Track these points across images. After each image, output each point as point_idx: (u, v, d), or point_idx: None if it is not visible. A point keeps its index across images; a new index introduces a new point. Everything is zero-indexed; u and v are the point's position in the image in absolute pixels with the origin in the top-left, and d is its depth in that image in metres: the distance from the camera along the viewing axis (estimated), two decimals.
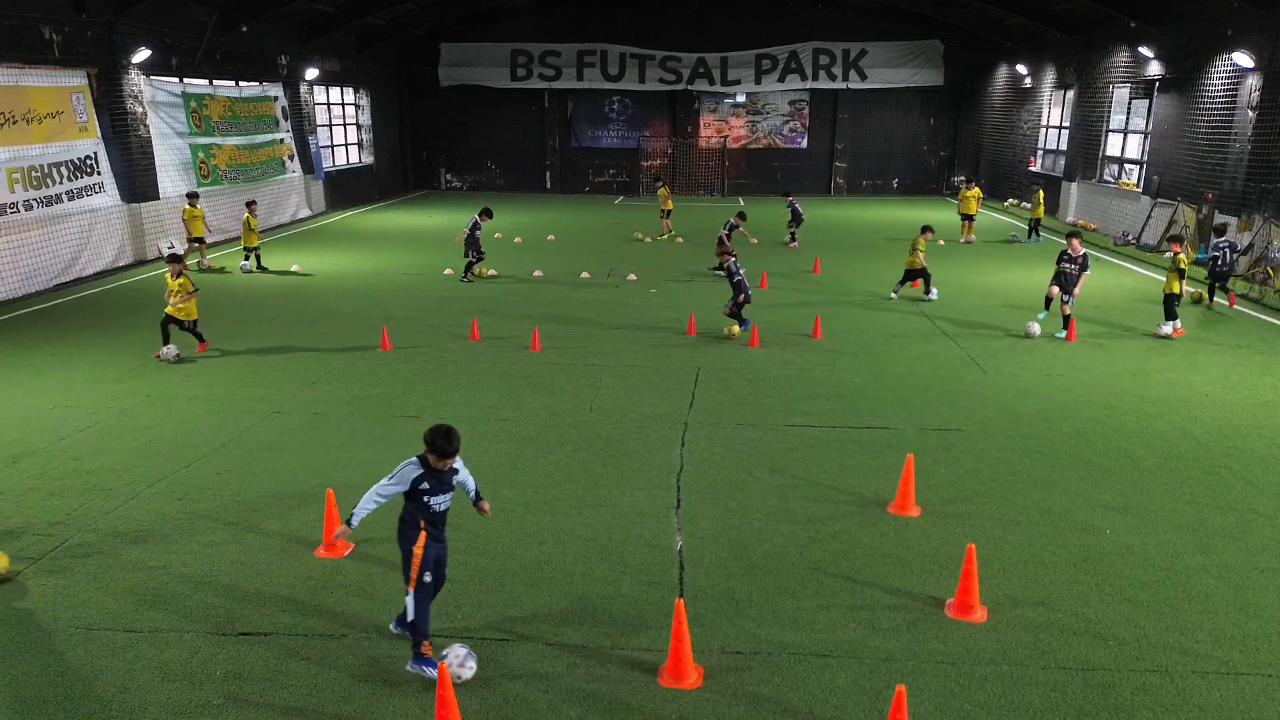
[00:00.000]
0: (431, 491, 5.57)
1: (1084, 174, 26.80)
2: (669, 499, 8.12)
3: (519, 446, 9.34)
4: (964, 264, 20.23)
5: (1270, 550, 7.19)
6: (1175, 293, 13.80)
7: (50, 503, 8.01)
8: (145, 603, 6.41)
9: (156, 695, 5.42)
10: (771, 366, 12.23)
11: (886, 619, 6.24)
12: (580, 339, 13.63)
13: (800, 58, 34.61)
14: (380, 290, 17.37)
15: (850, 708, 5.34)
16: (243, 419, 10.14)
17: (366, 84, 33.33)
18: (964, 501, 8.09)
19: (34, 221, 17.02)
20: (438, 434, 5.45)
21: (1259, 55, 18.15)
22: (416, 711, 5.28)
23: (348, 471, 8.70)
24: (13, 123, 16.69)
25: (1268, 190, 17.94)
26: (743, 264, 14.28)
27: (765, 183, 36.28)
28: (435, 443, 5.44)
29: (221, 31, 23.00)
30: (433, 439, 5.45)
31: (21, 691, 5.46)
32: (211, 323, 14.62)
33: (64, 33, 17.74)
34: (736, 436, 9.64)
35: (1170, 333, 13.83)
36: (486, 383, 11.51)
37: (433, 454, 5.47)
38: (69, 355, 12.70)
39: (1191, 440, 9.58)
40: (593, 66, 34.94)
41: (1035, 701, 5.38)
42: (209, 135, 23.22)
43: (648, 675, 5.62)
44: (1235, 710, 5.32)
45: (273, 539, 7.36)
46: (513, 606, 6.40)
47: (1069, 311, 13.75)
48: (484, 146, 37.00)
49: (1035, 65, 30.26)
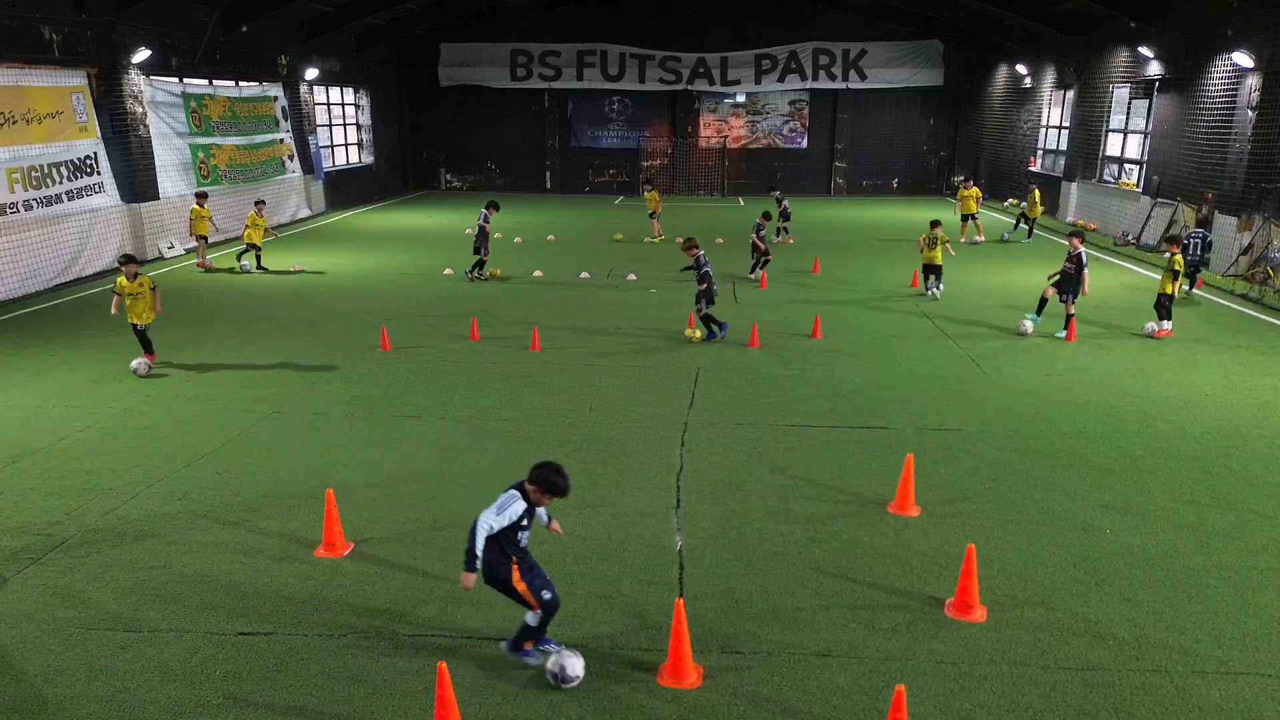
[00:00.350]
0: (526, 526, 5.45)
1: (1084, 174, 26.80)
2: (669, 499, 8.12)
3: (519, 446, 9.34)
4: (963, 264, 20.22)
5: (1270, 550, 7.19)
6: (1168, 293, 13.79)
7: (50, 502, 8.01)
8: (145, 602, 6.42)
9: (156, 695, 5.42)
10: (771, 366, 12.23)
11: (886, 619, 6.24)
12: (580, 339, 13.62)
13: (800, 58, 34.62)
14: (380, 290, 17.37)
15: (850, 707, 5.33)
16: (243, 419, 10.14)
17: (366, 84, 33.34)
18: (964, 501, 8.09)
19: (34, 221, 17.03)
20: (552, 471, 5.34)
21: (1259, 55, 18.15)
22: (416, 711, 5.28)
23: (347, 471, 8.70)
24: (12, 123, 16.70)
25: (1267, 190, 17.94)
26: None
27: (765, 183, 36.21)
28: (550, 480, 5.32)
29: (221, 31, 23.01)
30: (547, 477, 5.32)
31: (21, 691, 5.46)
32: (212, 323, 14.64)
33: (64, 33, 17.74)
34: (736, 436, 9.64)
35: (1155, 332, 13.81)
36: (486, 383, 11.51)
37: (545, 491, 5.34)
38: (69, 355, 12.70)
39: (1191, 440, 9.58)
40: (593, 66, 34.94)
41: (1035, 701, 5.38)
42: (209, 135, 23.22)
43: (647, 675, 5.62)
44: (1235, 710, 5.32)
45: (272, 539, 7.36)
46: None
47: (1071, 311, 13.75)
48: (484, 146, 37.00)
49: (1035, 65, 30.26)
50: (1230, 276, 18.15)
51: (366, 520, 7.69)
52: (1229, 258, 18.66)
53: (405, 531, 7.49)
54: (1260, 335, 14.09)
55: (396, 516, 7.78)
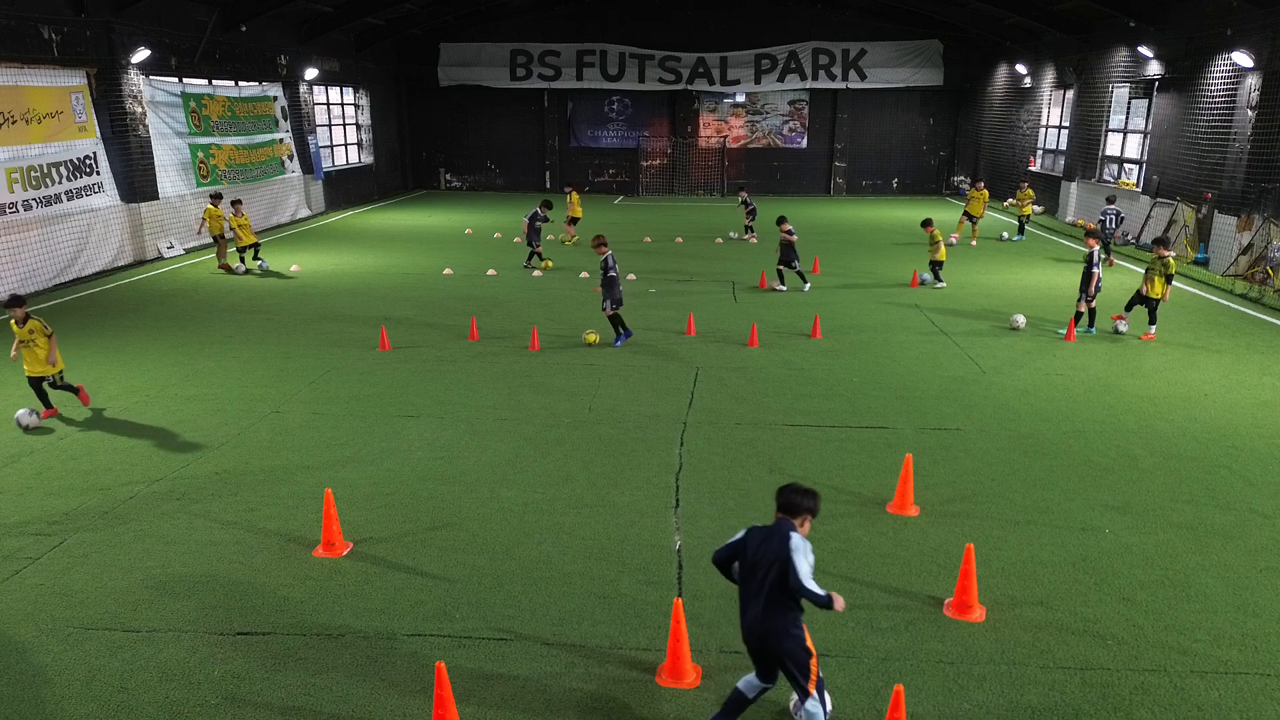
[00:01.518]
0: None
1: (1083, 174, 26.79)
2: (668, 498, 8.12)
3: (518, 446, 9.34)
4: (963, 264, 20.22)
5: (1269, 550, 7.19)
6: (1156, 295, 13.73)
7: (49, 502, 8.01)
8: (143, 602, 6.41)
9: (154, 695, 5.42)
10: (770, 366, 12.22)
11: (885, 618, 6.24)
12: (580, 338, 13.61)
13: (800, 57, 34.60)
14: (380, 290, 17.36)
15: (849, 707, 5.33)
16: (242, 418, 10.14)
17: (366, 84, 33.33)
18: (963, 501, 8.08)
19: (33, 221, 17.02)
20: (808, 494, 4.86)
21: (1258, 55, 18.15)
22: (415, 712, 5.28)
23: (347, 471, 8.70)
24: (12, 122, 16.69)
25: (1267, 190, 17.94)
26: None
27: (765, 182, 36.27)
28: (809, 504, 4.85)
29: (221, 31, 23.00)
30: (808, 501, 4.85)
31: (20, 691, 5.46)
32: (212, 323, 14.62)
33: (63, 32, 17.74)
34: (735, 436, 9.64)
35: (1125, 330, 13.84)
36: (486, 383, 11.50)
37: (810, 516, 4.87)
38: (67, 355, 12.65)
39: (1190, 440, 9.57)
40: (592, 66, 34.92)
41: (1034, 701, 5.38)
42: (208, 135, 23.21)
43: (646, 675, 5.62)
44: (1234, 709, 5.31)
45: (271, 539, 7.35)
46: (511, 606, 6.39)
47: (1083, 310, 13.70)
48: (483, 146, 36.99)
49: (1035, 65, 30.25)
50: (1230, 276, 18.14)
51: (365, 520, 7.69)
52: (1229, 258, 18.67)
53: (404, 531, 7.49)
54: (1260, 335, 14.08)
55: (395, 516, 7.77)
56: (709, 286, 17.62)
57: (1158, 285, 13.52)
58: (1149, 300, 13.61)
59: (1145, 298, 13.62)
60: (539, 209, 19.62)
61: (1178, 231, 20.88)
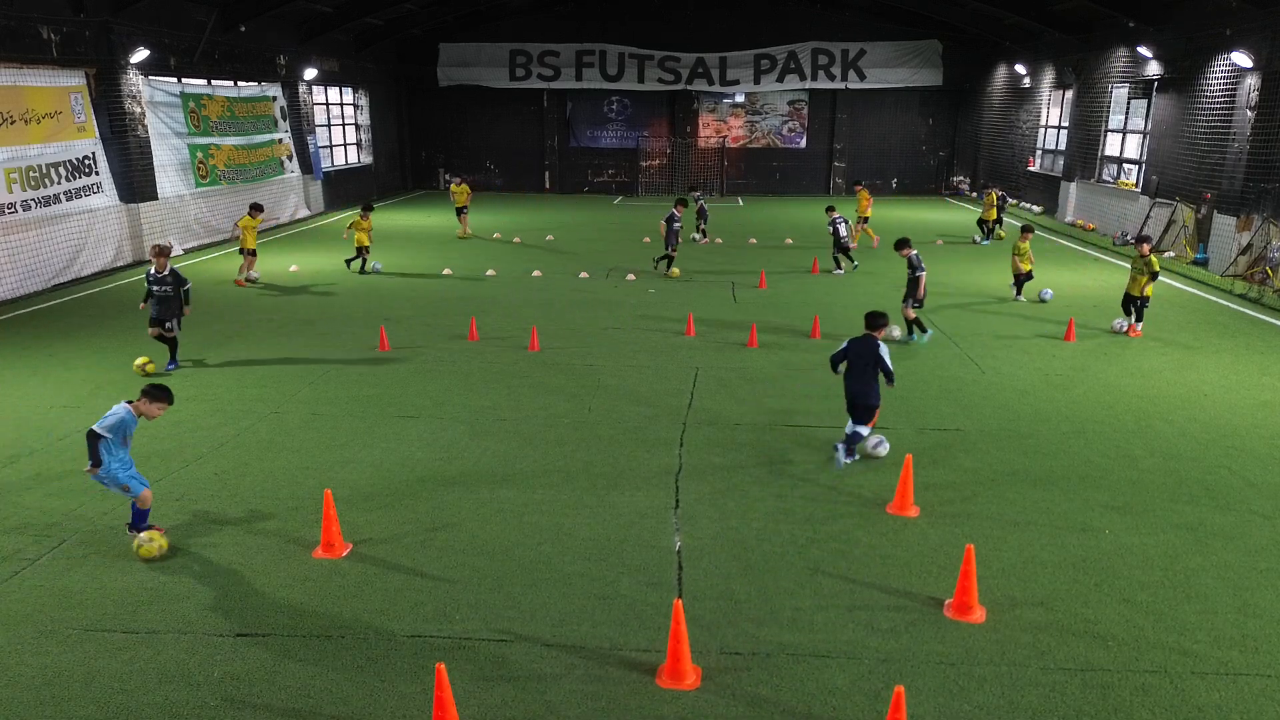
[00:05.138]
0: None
1: (1083, 174, 26.80)
2: (667, 499, 8.11)
3: (518, 446, 9.33)
4: (963, 264, 20.22)
5: (1269, 550, 7.19)
6: (1134, 294, 13.72)
7: (48, 503, 8.00)
8: (143, 603, 6.40)
9: (153, 696, 5.41)
10: (770, 366, 12.21)
11: (885, 619, 6.23)
12: (579, 339, 13.61)
13: (799, 57, 34.61)
14: (379, 290, 17.35)
15: (849, 708, 5.33)
16: (242, 419, 10.13)
17: (365, 84, 33.32)
18: (963, 502, 8.08)
19: (32, 221, 17.00)
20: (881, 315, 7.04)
21: (1257, 55, 18.15)
22: (414, 713, 5.27)
23: (346, 472, 8.69)
24: (11, 123, 16.67)
25: (1266, 190, 17.94)
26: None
27: (764, 182, 36.30)
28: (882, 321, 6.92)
29: (220, 31, 22.98)
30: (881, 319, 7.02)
31: (19, 693, 5.45)
32: (211, 323, 14.61)
33: (62, 33, 17.72)
34: (735, 437, 9.63)
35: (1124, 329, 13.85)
36: (485, 383, 11.49)
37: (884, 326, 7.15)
38: (67, 355, 12.68)
39: (1190, 440, 9.57)
40: (591, 66, 34.92)
41: (1034, 702, 5.37)
42: (207, 135, 23.19)
43: (646, 676, 5.61)
44: (1234, 711, 5.31)
45: (271, 539, 7.34)
46: (511, 607, 6.38)
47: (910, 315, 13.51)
48: (483, 146, 36.99)
49: (1034, 65, 30.25)
50: (1229, 276, 18.14)
51: (365, 521, 7.68)
52: (1228, 258, 18.67)
53: (403, 532, 7.48)
54: (1259, 335, 14.08)
55: (395, 517, 7.77)
56: (710, 286, 17.61)
57: (1142, 283, 13.59)
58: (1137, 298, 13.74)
59: (1133, 297, 13.71)
60: (674, 209, 18.70)
61: (1177, 231, 20.89)
